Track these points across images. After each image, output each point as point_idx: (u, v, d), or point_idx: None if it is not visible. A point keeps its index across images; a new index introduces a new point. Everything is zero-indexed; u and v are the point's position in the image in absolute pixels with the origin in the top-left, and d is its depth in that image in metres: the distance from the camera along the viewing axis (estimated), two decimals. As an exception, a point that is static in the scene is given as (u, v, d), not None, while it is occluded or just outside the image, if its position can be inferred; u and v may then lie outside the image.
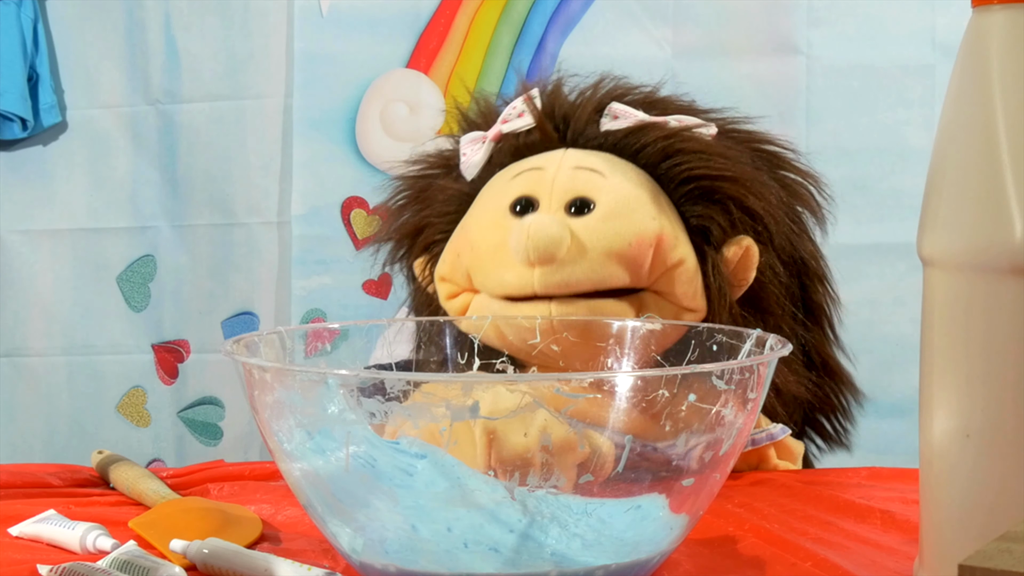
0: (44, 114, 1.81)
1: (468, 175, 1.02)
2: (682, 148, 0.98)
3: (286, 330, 0.81)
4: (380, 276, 1.77)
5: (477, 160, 1.01)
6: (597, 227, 0.93)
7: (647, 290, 0.95)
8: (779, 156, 1.05)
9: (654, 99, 1.04)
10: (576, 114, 1.01)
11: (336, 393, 0.64)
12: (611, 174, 0.96)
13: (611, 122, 0.99)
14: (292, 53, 1.78)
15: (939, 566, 0.64)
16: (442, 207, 1.03)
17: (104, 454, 1.00)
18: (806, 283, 1.04)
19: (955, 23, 1.66)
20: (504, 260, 0.93)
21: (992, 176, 0.60)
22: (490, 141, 1.02)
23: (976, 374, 0.62)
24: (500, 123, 1.02)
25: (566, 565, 0.65)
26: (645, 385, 0.65)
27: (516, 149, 1.01)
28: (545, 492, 0.64)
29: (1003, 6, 0.61)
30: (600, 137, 0.99)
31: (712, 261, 0.95)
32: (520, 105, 1.02)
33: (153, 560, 0.71)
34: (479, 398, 0.63)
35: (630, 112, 0.99)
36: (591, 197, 0.94)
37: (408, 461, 0.66)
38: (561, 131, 1.01)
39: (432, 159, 1.08)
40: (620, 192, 0.95)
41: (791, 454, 1.02)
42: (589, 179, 0.96)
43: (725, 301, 0.95)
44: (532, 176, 0.97)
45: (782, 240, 1.00)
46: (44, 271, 1.86)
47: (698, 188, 0.97)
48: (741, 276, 0.97)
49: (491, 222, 0.97)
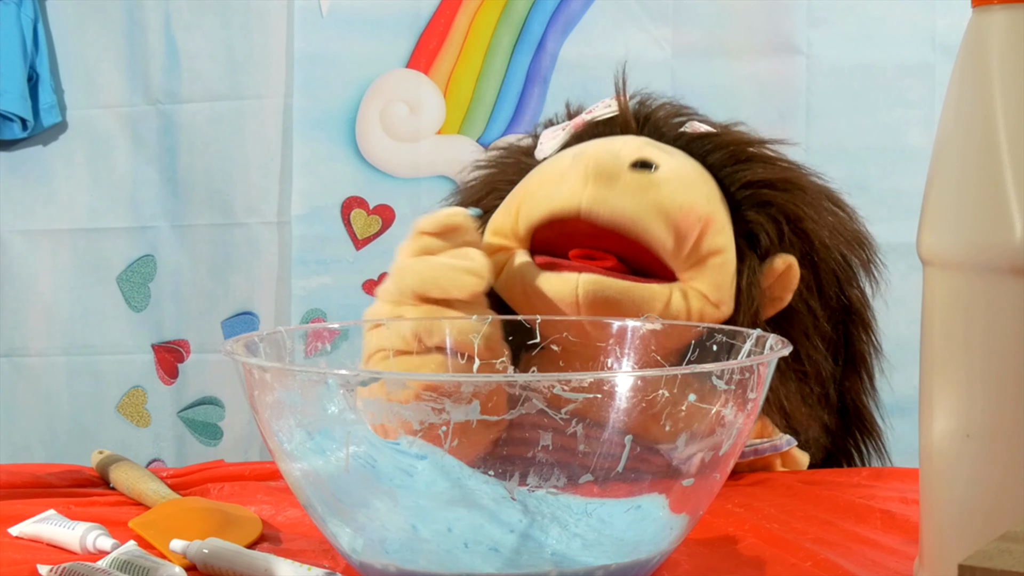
0: (44, 114, 1.81)
1: (540, 156, 1.02)
2: (751, 155, 0.99)
3: (286, 330, 0.82)
4: (380, 276, 1.77)
5: (552, 145, 1.02)
6: (656, 181, 0.93)
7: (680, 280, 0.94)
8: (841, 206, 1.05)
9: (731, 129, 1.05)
10: (657, 115, 1.02)
11: (336, 393, 0.64)
12: (677, 156, 0.97)
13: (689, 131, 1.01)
14: (292, 53, 1.78)
15: (939, 566, 0.64)
16: (510, 176, 1.03)
17: (104, 454, 1.00)
18: (851, 330, 1.04)
19: (955, 23, 1.66)
20: (559, 183, 0.93)
21: (992, 176, 0.60)
22: (571, 128, 1.02)
23: (976, 374, 0.62)
24: (584, 114, 1.03)
25: (566, 565, 0.65)
26: (645, 385, 0.65)
27: (594, 136, 1.01)
28: (545, 492, 0.64)
29: (1003, 6, 0.61)
30: (675, 135, 1.00)
31: (750, 264, 0.95)
32: (609, 100, 1.03)
33: (153, 560, 0.71)
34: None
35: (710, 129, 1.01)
36: (656, 161, 0.94)
37: (408, 462, 0.66)
38: (639, 124, 1.01)
39: (512, 147, 1.09)
40: (683, 169, 0.95)
41: (796, 464, 1.02)
42: (657, 152, 0.96)
43: (752, 308, 0.95)
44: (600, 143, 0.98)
45: (827, 274, 0.99)
46: (44, 271, 1.86)
47: (756, 195, 0.97)
48: (777, 292, 0.97)
49: (553, 163, 0.97)
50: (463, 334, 0.91)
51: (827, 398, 1.02)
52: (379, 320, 0.99)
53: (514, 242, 0.97)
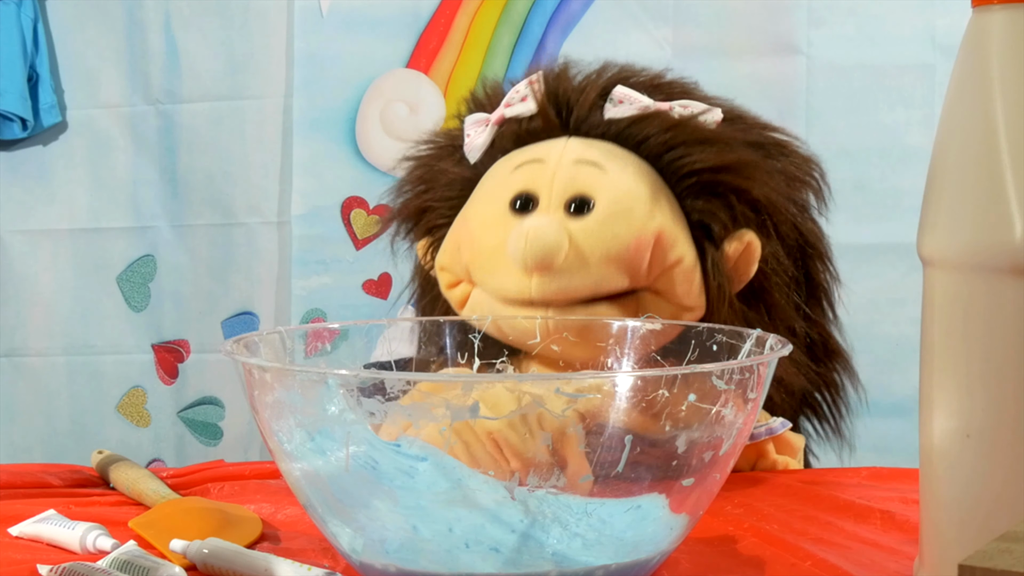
0: (44, 114, 1.82)
1: (471, 158, 1.02)
2: (684, 140, 0.97)
3: (286, 330, 0.81)
4: (380, 276, 1.77)
5: (480, 143, 1.01)
6: (596, 231, 0.93)
7: (644, 290, 0.94)
8: (781, 143, 1.05)
9: (659, 83, 1.04)
10: (579, 100, 1.00)
11: (336, 393, 0.64)
12: (612, 168, 0.96)
13: (615, 107, 0.98)
14: (292, 53, 1.78)
15: (939, 566, 0.64)
16: (444, 191, 1.03)
17: (104, 454, 1.00)
18: (808, 263, 1.04)
19: (955, 23, 1.66)
20: (502, 263, 0.93)
21: (992, 176, 0.60)
22: (493, 124, 1.01)
23: (976, 374, 0.62)
24: (503, 106, 1.01)
25: (566, 565, 0.65)
26: (645, 385, 0.65)
27: (518, 135, 1.00)
28: (545, 492, 0.64)
29: (1003, 6, 0.61)
30: (603, 126, 0.99)
31: (712, 258, 0.95)
32: (524, 89, 1.01)
33: (153, 560, 0.71)
34: (478, 399, 0.63)
35: (634, 96, 0.98)
36: (590, 195, 0.94)
37: (409, 463, 0.66)
38: (563, 118, 1.00)
39: (440, 139, 1.08)
40: (621, 190, 0.94)
41: (791, 448, 1.02)
42: (590, 174, 0.95)
43: (724, 297, 0.95)
44: (533, 170, 0.97)
45: (787, 228, 0.99)
46: (44, 271, 1.86)
47: (700, 182, 0.96)
48: (742, 271, 0.97)
49: (491, 218, 0.96)
50: (464, 335, 0.92)
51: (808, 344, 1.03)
52: (379, 320, 0.98)
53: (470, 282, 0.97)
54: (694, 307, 0.95)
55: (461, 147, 1.03)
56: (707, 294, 0.95)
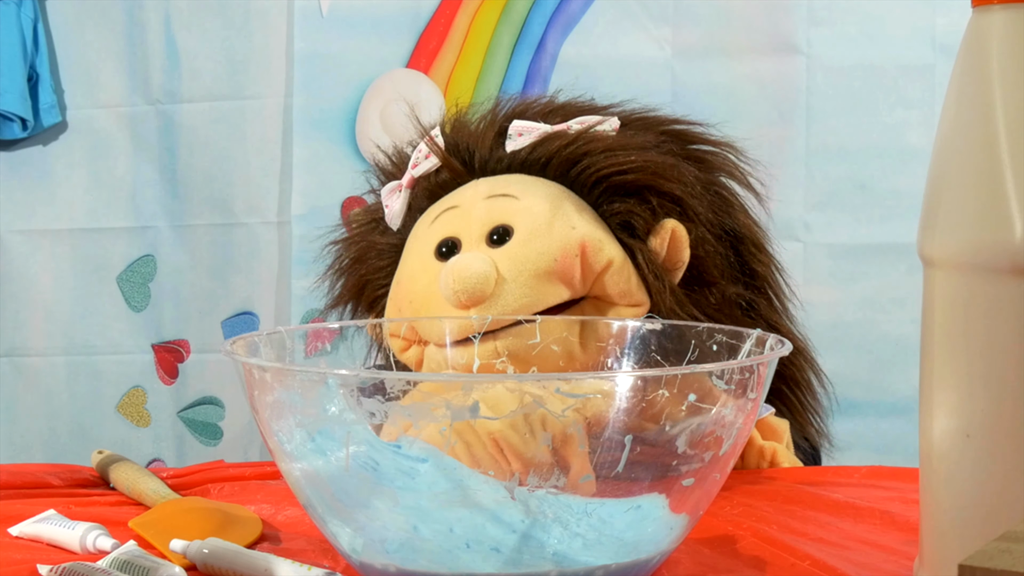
0: (44, 114, 1.82)
1: (393, 225, 1.04)
2: (586, 151, 0.99)
3: (286, 330, 0.81)
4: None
5: (398, 209, 1.04)
6: (520, 252, 0.94)
7: (587, 298, 0.95)
8: (688, 133, 1.06)
9: (553, 107, 1.06)
10: (479, 142, 1.02)
11: (336, 393, 0.64)
12: (524, 195, 0.98)
13: (515, 140, 1.01)
14: (292, 53, 1.78)
15: (939, 566, 0.64)
16: (376, 262, 1.06)
17: (104, 454, 1.00)
18: (743, 252, 1.04)
19: (955, 23, 1.66)
20: (440, 308, 0.95)
21: (992, 176, 0.60)
22: (405, 188, 1.03)
23: (976, 374, 0.62)
24: (411, 168, 1.04)
25: (567, 565, 0.65)
26: (645, 385, 0.65)
27: (430, 191, 1.03)
28: (545, 492, 0.64)
29: (1003, 6, 0.61)
30: (507, 159, 1.01)
31: (641, 253, 0.96)
32: (424, 147, 1.03)
33: (153, 560, 0.71)
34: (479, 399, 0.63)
35: (531, 126, 1.01)
36: (509, 223, 0.96)
37: (410, 464, 0.66)
38: (468, 163, 1.02)
39: (360, 217, 1.11)
40: (535, 211, 0.96)
41: (775, 433, 1.02)
42: (504, 206, 0.97)
43: (664, 287, 0.96)
44: (450, 216, 0.99)
45: (708, 213, 1.00)
46: (44, 271, 1.86)
47: (610, 186, 0.98)
48: (675, 258, 0.98)
49: (420, 270, 0.98)
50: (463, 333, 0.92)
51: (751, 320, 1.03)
52: (379, 320, 0.98)
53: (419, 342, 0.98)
54: (637, 303, 0.96)
55: (382, 219, 1.05)
56: (647, 288, 0.96)
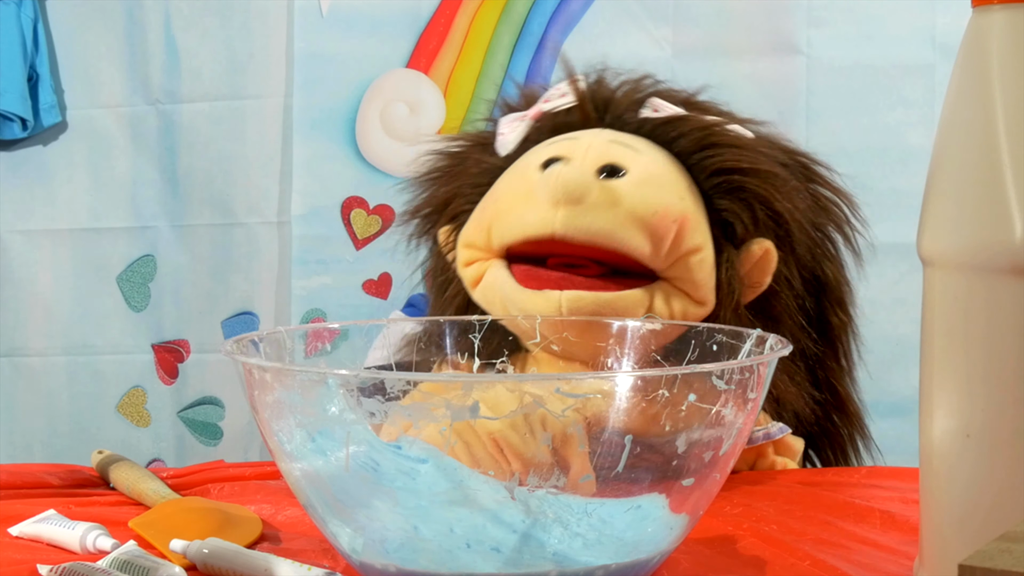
0: (44, 114, 1.81)
1: (503, 151, 1.01)
2: (717, 141, 0.98)
3: (286, 330, 0.81)
4: (380, 276, 1.77)
5: (514, 137, 1.01)
6: (627, 188, 0.92)
7: (661, 279, 0.94)
8: (814, 171, 1.05)
9: (694, 101, 1.04)
10: (616, 99, 1.01)
11: (336, 393, 0.64)
12: (645, 151, 0.96)
13: (650, 114, 0.99)
14: (292, 53, 1.78)
15: (939, 566, 0.64)
16: (474, 179, 1.02)
17: (104, 454, 1.00)
18: (824, 303, 1.03)
19: (955, 23, 1.66)
20: (529, 203, 0.93)
21: (992, 176, 0.60)
22: (530, 119, 1.01)
23: (976, 374, 0.62)
24: (542, 102, 1.02)
25: (567, 565, 0.65)
26: (645, 385, 0.65)
27: (555, 128, 1.00)
28: (545, 492, 0.64)
29: (1003, 6, 0.61)
30: (638, 123, 0.99)
31: (728, 256, 0.95)
32: (564, 87, 1.02)
33: (153, 560, 0.71)
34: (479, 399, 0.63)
35: (669, 107, 0.99)
36: (623, 165, 0.94)
37: (410, 465, 0.66)
38: (600, 113, 1.00)
39: (470, 136, 1.08)
40: (652, 167, 0.95)
41: (790, 450, 1.02)
42: (622, 152, 0.95)
43: (733, 299, 0.95)
44: (565, 142, 0.97)
45: (803, 251, 0.99)
46: (44, 271, 1.86)
47: (727, 182, 0.97)
48: (756, 278, 0.96)
49: (520, 178, 0.96)
50: (464, 335, 0.91)
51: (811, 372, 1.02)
52: (379, 320, 0.98)
53: (487, 254, 0.97)
54: (704, 302, 0.94)
55: (491, 143, 1.03)
56: (718, 292, 0.94)
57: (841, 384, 1.06)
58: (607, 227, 0.90)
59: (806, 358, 1.01)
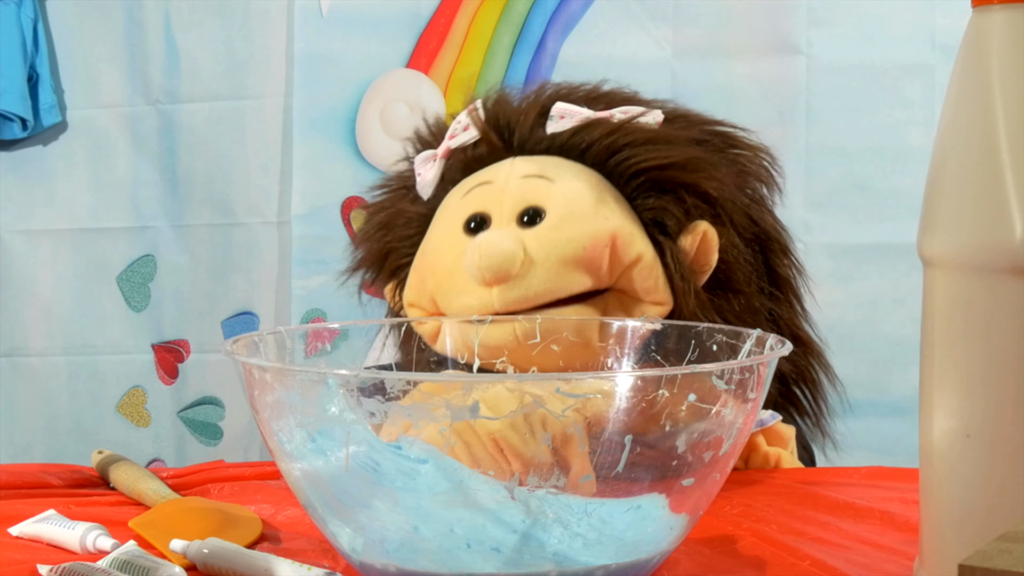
0: (44, 114, 1.82)
1: (424, 195, 1.04)
2: (628, 142, 0.98)
3: (286, 330, 0.81)
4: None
5: (430, 178, 1.03)
6: (550, 236, 0.94)
7: (610, 290, 0.95)
8: (728, 135, 1.05)
9: (598, 94, 1.05)
10: (520, 120, 1.01)
11: (336, 393, 0.64)
12: (559, 178, 0.97)
13: (557, 123, 1.00)
14: (292, 53, 1.78)
15: (939, 566, 0.64)
16: (403, 231, 1.05)
17: (104, 454, 1.00)
18: (770, 256, 1.04)
19: (955, 23, 1.66)
20: (463, 283, 0.94)
21: (992, 176, 0.60)
22: (440, 158, 1.03)
23: (976, 374, 0.62)
24: (448, 139, 1.03)
25: (567, 565, 0.65)
26: (645, 385, 0.65)
27: (466, 163, 1.02)
28: (545, 492, 0.64)
29: (1003, 6, 0.61)
30: (546, 140, 1.00)
31: (671, 252, 0.96)
32: (464, 119, 1.03)
33: (153, 560, 0.71)
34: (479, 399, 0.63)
35: (574, 110, 1.00)
36: (541, 205, 0.95)
37: (410, 465, 0.66)
38: (507, 139, 1.01)
39: (392, 182, 1.10)
40: (570, 196, 0.95)
41: (781, 439, 1.02)
42: (538, 187, 0.96)
43: (689, 289, 0.96)
44: (482, 191, 0.98)
45: (740, 218, 1.00)
46: (44, 271, 1.86)
47: (648, 180, 0.97)
48: (703, 261, 0.97)
49: (447, 243, 0.97)
50: (463, 335, 0.92)
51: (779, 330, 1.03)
52: (379, 320, 0.98)
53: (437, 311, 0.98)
54: (661, 302, 0.95)
55: (414, 187, 1.04)
56: (672, 288, 0.95)
57: (800, 328, 1.07)
58: (544, 286, 0.93)
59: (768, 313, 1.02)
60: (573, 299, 0.94)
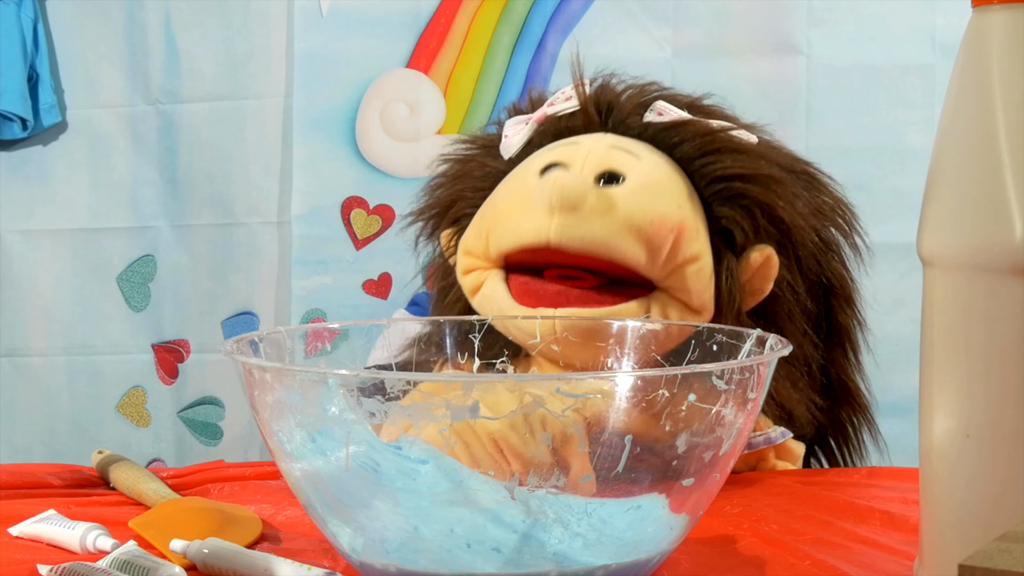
0: (44, 114, 1.81)
1: (506, 154, 1.02)
2: (719, 147, 0.98)
3: (286, 330, 0.81)
4: (380, 276, 1.77)
5: (517, 140, 1.01)
6: (624, 196, 0.92)
7: (658, 289, 0.94)
8: (816, 179, 1.05)
9: (699, 105, 1.04)
10: (621, 103, 1.01)
11: (336, 393, 0.64)
12: (645, 157, 0.96)
13: (655, 116, 0.99)
14: (292, 53, 1.78)
15: (939, 566, 0.64)
16: (477, 182, 1.03)
17: (104, 454, 1.00)
18: (832, 304, 1.03)
19: (955, 23, 1.66)
20: (525, 211, 0.93)
21: (992, 176, 0.60)
22: (533, 123, 1.01)
23: (976, 374, 0.62)
24: (546, 106, 1.02)
25: (567, 565, 0.65)
26: (645, 385, 0.65)
27: (557, 132, 1.01)
28: (545, 492, 0.64)
29: (1003, 6, 0.61)
30: (640, 128, 0.99)
31: (728, 264, 0.95)
32: (569, 91, 1.02)
33: (153, 560, 0.71)
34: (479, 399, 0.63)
35: (674, 110, 0.99)
36: (622, 171, 0.94)
37: (410, 465, 0.66)
38: (603, 117, 1.00)
39: (477, 139, 1.08)
40: (651, 174, 0.94)
41: (791, 455, 1.02)
42: (622, 157, 0.95)
43: (734, 306, 0.94)
44: (566, 148, 0.97)
45: (807, 255, 0.99)
46: (44, 271, 1.86)
47: (728, 189, 0.96)
48: (757, 285, 0.96)
49: (519, 183, 0.96)
50: (463, 335, 0.91)
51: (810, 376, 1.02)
52: (379, 320, 0.98)
53: (486, 263, 0.97)
54: (702, 310, 0.94)
55: (497, 147, 1.03)
56: (717, 300, 0.94)
57: (852, 379, 1.07)
58: (602, 236, 0.90)
59: (809, 363, 1.01)
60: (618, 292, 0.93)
